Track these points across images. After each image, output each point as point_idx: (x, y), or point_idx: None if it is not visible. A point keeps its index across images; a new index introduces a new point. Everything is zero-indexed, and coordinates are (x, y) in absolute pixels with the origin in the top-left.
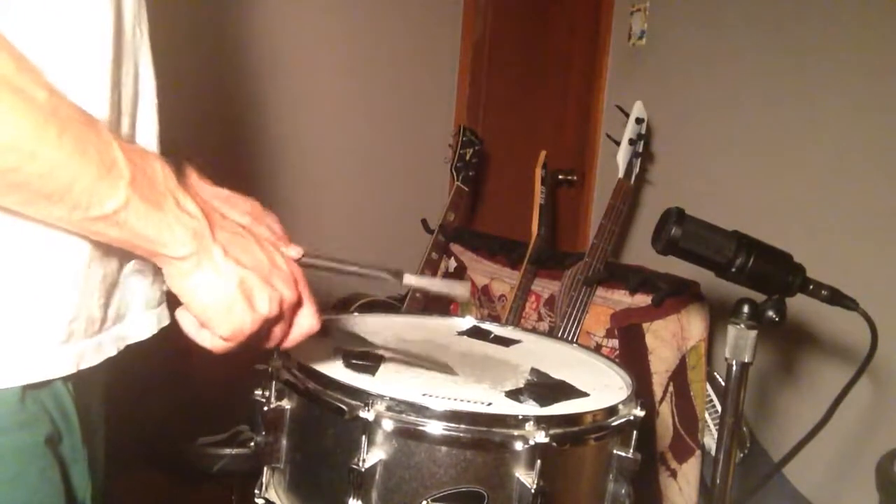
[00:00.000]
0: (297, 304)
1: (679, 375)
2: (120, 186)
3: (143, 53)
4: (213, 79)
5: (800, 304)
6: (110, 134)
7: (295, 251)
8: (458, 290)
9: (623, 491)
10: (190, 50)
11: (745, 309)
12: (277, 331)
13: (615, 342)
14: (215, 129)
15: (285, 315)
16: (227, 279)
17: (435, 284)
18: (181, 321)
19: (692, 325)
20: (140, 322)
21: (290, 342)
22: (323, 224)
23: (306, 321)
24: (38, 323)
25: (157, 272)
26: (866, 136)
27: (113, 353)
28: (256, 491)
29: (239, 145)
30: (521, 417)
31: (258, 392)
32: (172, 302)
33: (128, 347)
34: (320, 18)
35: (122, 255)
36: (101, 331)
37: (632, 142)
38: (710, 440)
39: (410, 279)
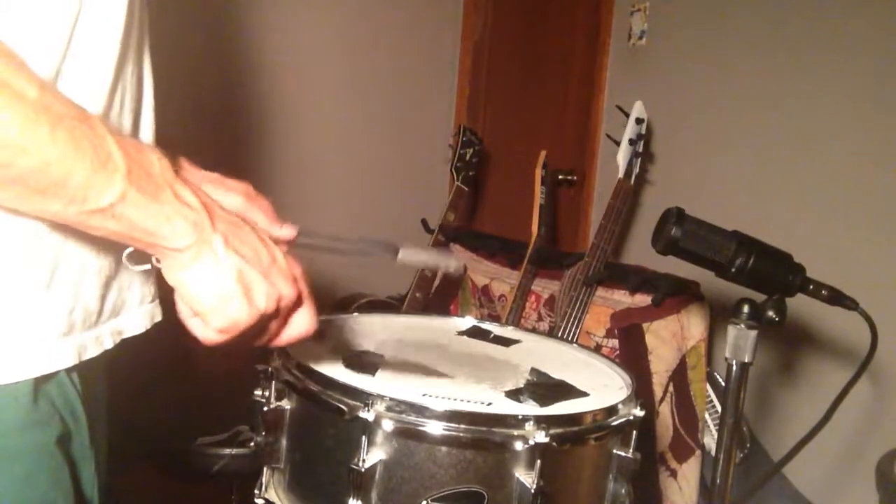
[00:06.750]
0: (296, 304)
1: (679, 375)
2: (116, 180)
3: (146, 54)
4: (211, 79)
5: (800, 304)
6: (105, 128)
7: (288, 231)
8: (452, 263)
9: (623, 491)
10: (188, 50)
11: (745, 309)
12: (271, 328)
13: (615, 342)
14: (214, 129)
15: (281, 313)
16: (226, 271)
17: (430, 258)
18: (178, 305)
19: (692, 325)
20: (135, 317)
21: (280, 342)
22: (323, 224)
23: (302, 322)
24: (40, 317)
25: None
26: (866, 136)
27: (110, 345)
28: (256, 491)
29: (238, 146)
30: (521, 417)
31: (258, 392)
32: (165, 299)
33: (127, 347)
34: (320, 18)
35: (118, 248)
36: (99, 323)
37: (632, 142)
38: (710, 440)
39: (406, 254)
